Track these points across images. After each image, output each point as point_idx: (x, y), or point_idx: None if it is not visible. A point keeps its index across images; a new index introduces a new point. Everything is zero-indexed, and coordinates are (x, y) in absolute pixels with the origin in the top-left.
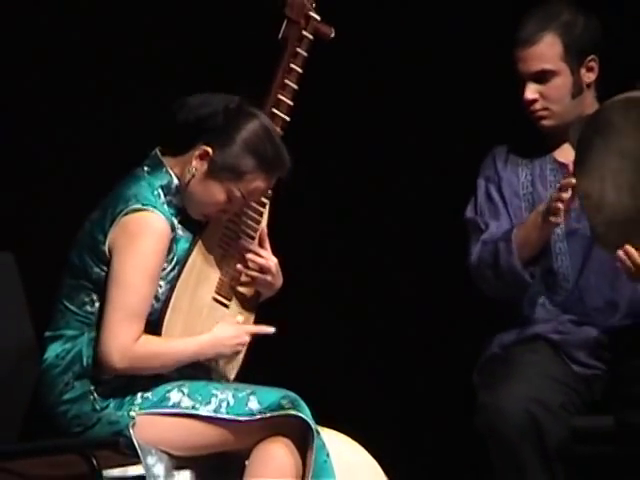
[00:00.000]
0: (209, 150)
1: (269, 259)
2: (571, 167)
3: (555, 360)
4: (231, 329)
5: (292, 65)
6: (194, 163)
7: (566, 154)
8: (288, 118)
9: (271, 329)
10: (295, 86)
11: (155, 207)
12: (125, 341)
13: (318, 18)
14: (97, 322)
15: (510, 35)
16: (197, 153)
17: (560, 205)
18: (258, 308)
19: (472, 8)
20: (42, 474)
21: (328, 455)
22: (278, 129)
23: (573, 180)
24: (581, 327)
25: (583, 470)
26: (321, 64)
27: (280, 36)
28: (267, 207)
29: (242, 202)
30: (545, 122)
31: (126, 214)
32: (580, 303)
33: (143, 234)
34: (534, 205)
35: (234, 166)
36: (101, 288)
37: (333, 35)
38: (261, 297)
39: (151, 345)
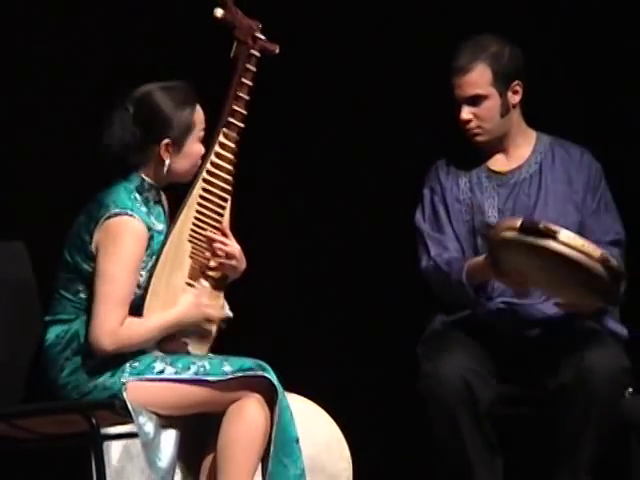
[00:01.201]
0: (166, 141)
1: (233, 246)
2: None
3: (486, 335)
4: (190, 295)
5: (243, 80)
6: (166, 159)
7: (498, 163)
8: (243, 125)
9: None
10: (247, 97)
11: (133, 210)
12: (113, 326)
13: (263, 38)
14: (87, 307)
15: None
16: (161, 152)
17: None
18: (227, 289)
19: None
20: (50, 431)
21: (292, 414)
22: (235, 135)
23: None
24: (510, 306)
25: (507, 427)
26: (270, 77)
27: (232, 55)
28: (228, 203)
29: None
30: (479, 138)
31: (108, 218)
32: (507, 291)
33: (123, 235)
34: (473, 207)
35: (185, 126)
36: (91, 279)
37: (278, 51)
38: (228, 279)
39: (134, 326)
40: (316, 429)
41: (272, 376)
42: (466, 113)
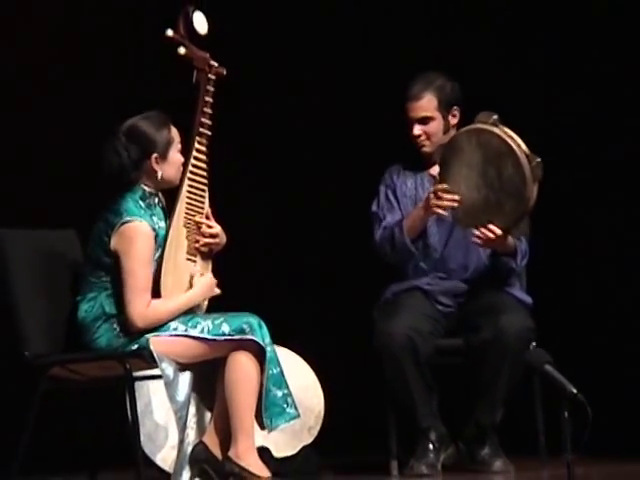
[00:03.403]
0: (155, 155)
1: (215, 227)
2: (437, 176)
3: (426, 302)
4: (204, 282)
5: (206, 98)
6: (157, 171)
7: (436, 170)
8: (210, 133)
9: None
10: (210, 111)
11: (141, 217)
12: (141, 309)
13: (216, 64)
14: (107, 286)
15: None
16: (152, 165)
17: (437, 202)
18: (214, 259)
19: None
20: (95, 374)
21: (276, 356)
22: (205, 141)
23: (445, 186)
24: (444, 281)
25: (443, 374)
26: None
27: (194, 80)
28: (207, 193)
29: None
30: (425, 149)
31: (122, 224)
32: (444, 265)
33: (137, 238)
34: (416, 202)
35: (166, 141)
36: (109, 268)
37: (225, 73)
38: (214, 252)
39: (160, 307)
40: (296, 373)
41: (259, 337)
42: (417, 130)
